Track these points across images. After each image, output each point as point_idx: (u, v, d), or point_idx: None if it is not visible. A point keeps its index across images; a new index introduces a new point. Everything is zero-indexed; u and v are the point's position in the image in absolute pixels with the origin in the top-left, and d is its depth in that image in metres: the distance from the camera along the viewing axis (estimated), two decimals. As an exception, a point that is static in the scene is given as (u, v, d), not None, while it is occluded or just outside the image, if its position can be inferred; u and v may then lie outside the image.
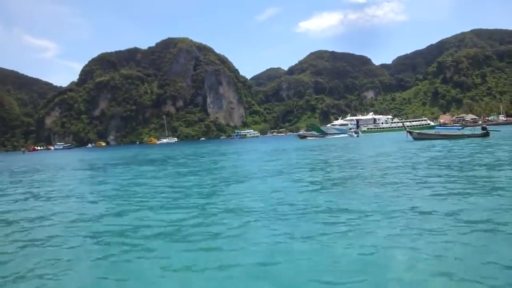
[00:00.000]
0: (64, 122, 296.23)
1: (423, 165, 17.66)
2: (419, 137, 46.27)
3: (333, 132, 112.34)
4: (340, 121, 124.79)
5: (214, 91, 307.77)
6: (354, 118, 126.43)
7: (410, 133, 48.75)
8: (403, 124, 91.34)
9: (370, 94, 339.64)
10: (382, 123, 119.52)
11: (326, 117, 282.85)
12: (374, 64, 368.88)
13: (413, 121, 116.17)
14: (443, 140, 40.80)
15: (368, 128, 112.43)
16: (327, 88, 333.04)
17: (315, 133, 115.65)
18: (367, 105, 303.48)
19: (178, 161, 34.81)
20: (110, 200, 13.01)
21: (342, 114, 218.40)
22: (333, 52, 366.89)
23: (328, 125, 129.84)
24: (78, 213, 10.74)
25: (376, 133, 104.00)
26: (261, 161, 29.04)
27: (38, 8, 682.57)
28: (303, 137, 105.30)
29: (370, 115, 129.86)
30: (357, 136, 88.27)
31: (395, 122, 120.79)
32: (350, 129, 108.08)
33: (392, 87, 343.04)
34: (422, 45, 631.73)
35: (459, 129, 53.55)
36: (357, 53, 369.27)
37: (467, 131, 46.34)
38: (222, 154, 45.68)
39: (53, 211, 11.35)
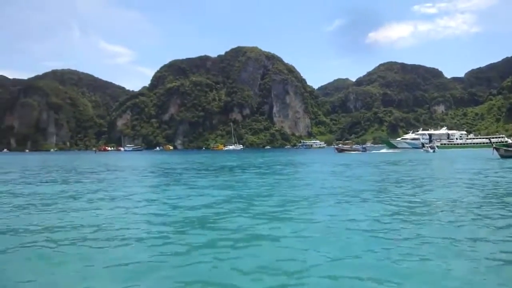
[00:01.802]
0: (135, 125, 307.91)
1: None
2: (507, 155, 42.90)
3: (404, 147, 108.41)
4: (411, 135, 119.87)
5: (280, 100, 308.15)
6: (426, 132, 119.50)
7: (497, 149, 45.38)
8: (489, 140, 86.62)
9: (440, 108, 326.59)
10: (457, 138, 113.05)
11: (394, 130, 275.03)
12: (445, 77, 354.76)
13: (490, 138, 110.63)
14: None
15: (441, 144, 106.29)
16: (395, 101, 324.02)
17: (356, 146, 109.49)
18: (437, 120, 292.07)
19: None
20: None
21: (411, 127, 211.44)
22: (403, 64, 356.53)
23: (398, 138, 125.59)
24: None
25: (450, 149, 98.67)
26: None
27: (114, 16, 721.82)
28: (341, 150, 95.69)
29: (444, 130, 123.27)
30: (433, 151, 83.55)
31: (470, 138, 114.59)
32: (423, 144, 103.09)
33: (464, 101, 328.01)
34: (497, 58, 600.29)
35: None
36: (428, 65, 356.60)
37: None
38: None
39: None
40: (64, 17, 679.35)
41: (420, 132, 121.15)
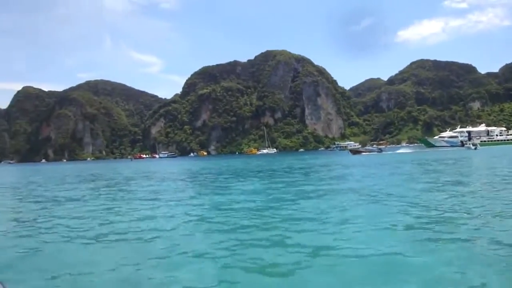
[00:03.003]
0: (168, 132, 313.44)
1: None
2: None
3: (442, 145, 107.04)
4: (449, 133, 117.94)
5: (312, 102, 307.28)
6: (465, 129, 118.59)
7: None
8: None
9: (476, 105, 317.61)
10: (497, 135, 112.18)
11: (429, 129, 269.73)
12: (480, 73, 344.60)
13: None
14: None
15: (481, 141, 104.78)
16: (429, 99, 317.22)
17: (370, 148, 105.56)
18: (473, 117, 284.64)
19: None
20: None
21: (446, 126, 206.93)
22: (435, 61, 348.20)
23: (436, 137, 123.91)
24: None
25: (491, 146, 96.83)
26: None
27: (143, 26, 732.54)
28: (356, 152, 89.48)
29: (482, 127, 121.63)
30: (475, 148, 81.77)
31: (511, 134, 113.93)
32: (462, 141, 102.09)
33: (500, 97, 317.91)
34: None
35: None
36: (462, 61, 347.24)
37: None
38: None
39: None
40: (95, 29, 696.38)
41: (458, 129, 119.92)
